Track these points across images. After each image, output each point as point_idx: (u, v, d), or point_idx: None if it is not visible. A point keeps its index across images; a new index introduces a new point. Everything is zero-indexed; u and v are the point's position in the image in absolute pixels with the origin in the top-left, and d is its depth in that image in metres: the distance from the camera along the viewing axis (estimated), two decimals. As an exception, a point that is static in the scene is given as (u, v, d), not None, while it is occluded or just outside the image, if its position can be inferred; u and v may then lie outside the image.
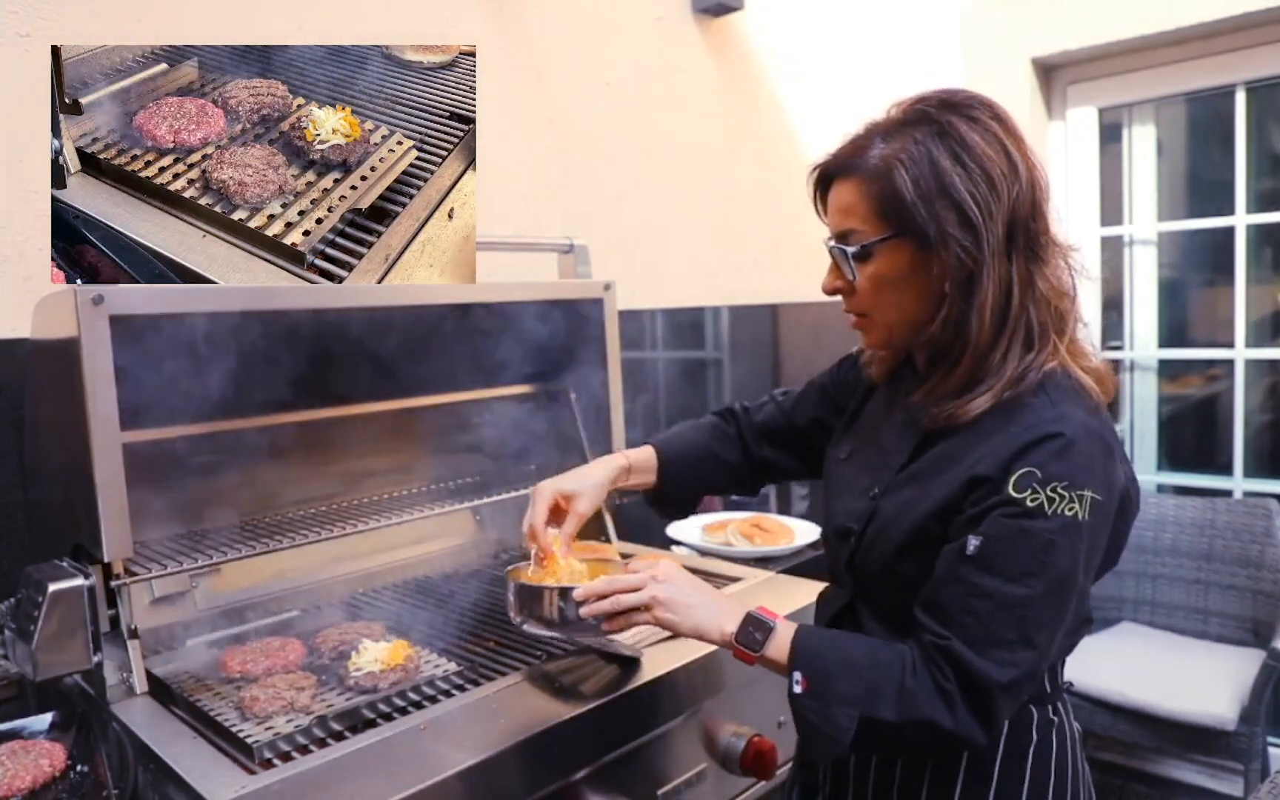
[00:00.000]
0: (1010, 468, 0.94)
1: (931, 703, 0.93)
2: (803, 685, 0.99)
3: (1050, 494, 0.92)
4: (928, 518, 1.01)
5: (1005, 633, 0.93)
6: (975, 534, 0.94)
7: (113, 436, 1.20)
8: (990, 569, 0.93)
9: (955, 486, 0.99)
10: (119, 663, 1.27)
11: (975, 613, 0.93)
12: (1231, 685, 2.48)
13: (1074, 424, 0.95)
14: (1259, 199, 2.94)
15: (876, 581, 1.08)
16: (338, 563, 1.67)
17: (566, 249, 1.91)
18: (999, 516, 0.94)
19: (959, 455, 1.00)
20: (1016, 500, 0.93)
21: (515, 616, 1.20)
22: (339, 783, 1.04)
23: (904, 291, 1.03)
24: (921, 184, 0.98)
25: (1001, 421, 0.98)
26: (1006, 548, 0.93)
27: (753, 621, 1.04)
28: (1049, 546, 0.92)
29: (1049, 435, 0.94)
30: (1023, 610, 0.93)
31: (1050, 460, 0.93)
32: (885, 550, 1.05)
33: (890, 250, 1.02)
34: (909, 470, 1.06)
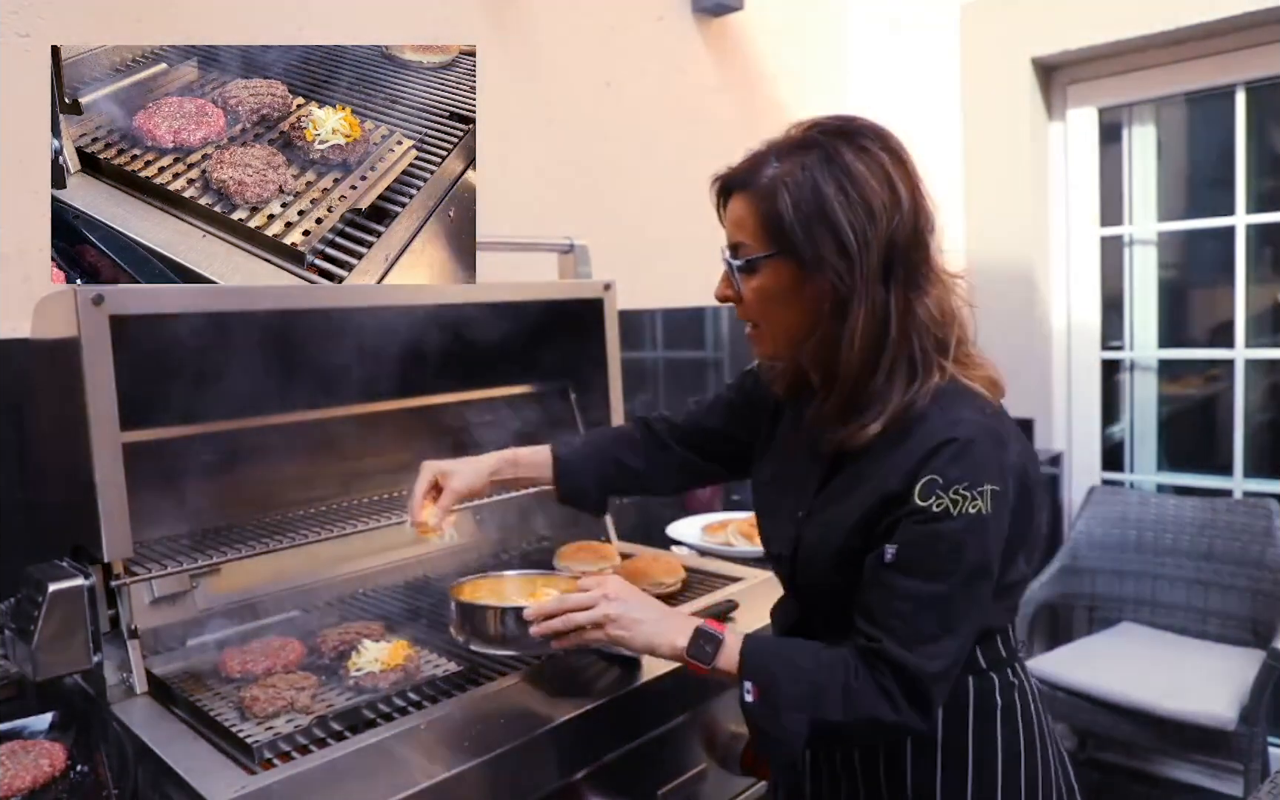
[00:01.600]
0: (913, 477, 1.00)
1: (874, 700, 0.99)
2: (754, 694, 1.02)
3: (954, 497, 0.98)
4: (849, 535, 1.05)
5: (928, 627, 0.99)
6: (890, 543, 1.00)
7: (113, 436, 1.20)
8: (908, 572, 0.99)
9: (869, 504, 1.03)
10: (119, 663, 1.27)
11: (899, 614, 0.99)
12: (1231, 685, 2.48)
13: (966, 426, 1.01)
14: (1259, 199, 2.93)
15: (818, 597, 1.13)
16: (338, 563, 1.67)
17: (566, 249, 1.91)
18: (910, 524, 1.00)
19: (868, 472, 1.05)
20: (923, 508, 0.99)
21: (458, 635, 1.22)
22: (339, 783, 1.04)
23: (786, 307, 1.07)
24: (802, 207, 1.02)
25: (901, 436, 1.03)
26: (921, 553, 0.99)
27: (703, 635, 1.07)
28: (959, 545, 0.99)
29: (945, 442, 1.00)
30: (943, 605, 0.99)
31: (949, 465, 0.99)
32: (818, 570, 1.10)
33: (773, 267, 1.06)
34: (825, 492, 1.11)
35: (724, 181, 1.12)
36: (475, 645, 1.20)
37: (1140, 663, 2.69)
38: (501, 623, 1.16)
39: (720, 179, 1.12)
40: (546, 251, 1.92)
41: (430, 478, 1.34)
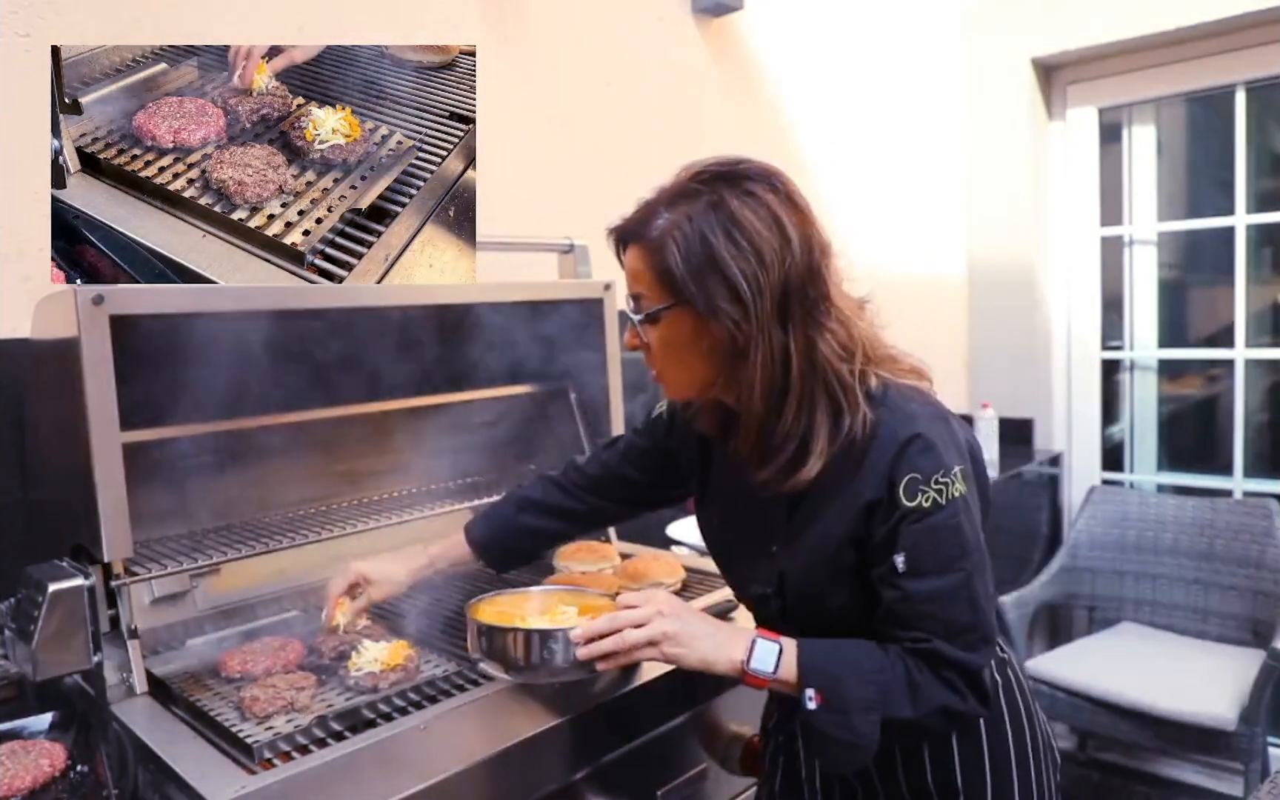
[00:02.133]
0: (892, 480, 1.01)
1: (941, 691, 1.00)
2: (817, 700, 1.01)
3: (936, 487, 1.01)
4: (839, 552, 1.06)
5: (962, 617, 1.01)
6: (897, 552, 1.01)
7: (113, 436, 1.20)
8: (923, 574, 1.01)
9: (854, 515, 1.04)
10: (119, 663, 1.27)
11: (929, 616, 1.01)
12: (1231, 685, 2.48)
13: (920, 419, 1.03)
14: (1259, 199, 2.93)
15: (812, 622, 1.11)
16: (338, 563, 1.67)
17: (566, 249, 1.91)
18: (908, 527, 1.01)
19: (842, 485, 1.05)
20: (913, 508, 1.01)
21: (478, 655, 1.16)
22: (339, 783, 1.04)
23: (690, 355, 1.06)
24: (691, 260, 1.01)
25: (865, 446, 1.03)
26: (927, 550, 1.01)
27: (761, 646, 1.05)
28: (957, 530, 1.01)
29: (907, 440, 1.02)
30: (964, 591, 1.01)
31: (920, 459, 1.01)
32: (810, 595, 1.10)
33: (672, 317, 1.05)
34: (796, 518, 1.10)
35: (618, 233, 1.10)
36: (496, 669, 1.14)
37: (1140, 663, 2.69)
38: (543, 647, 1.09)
39: (614, 230, 1.11)
40: (546, 251, 1.92)
41: (352, 577, 1.35)
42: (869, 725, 0.99)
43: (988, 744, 1.12)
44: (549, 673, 1.12)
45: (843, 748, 1.00)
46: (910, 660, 1.01)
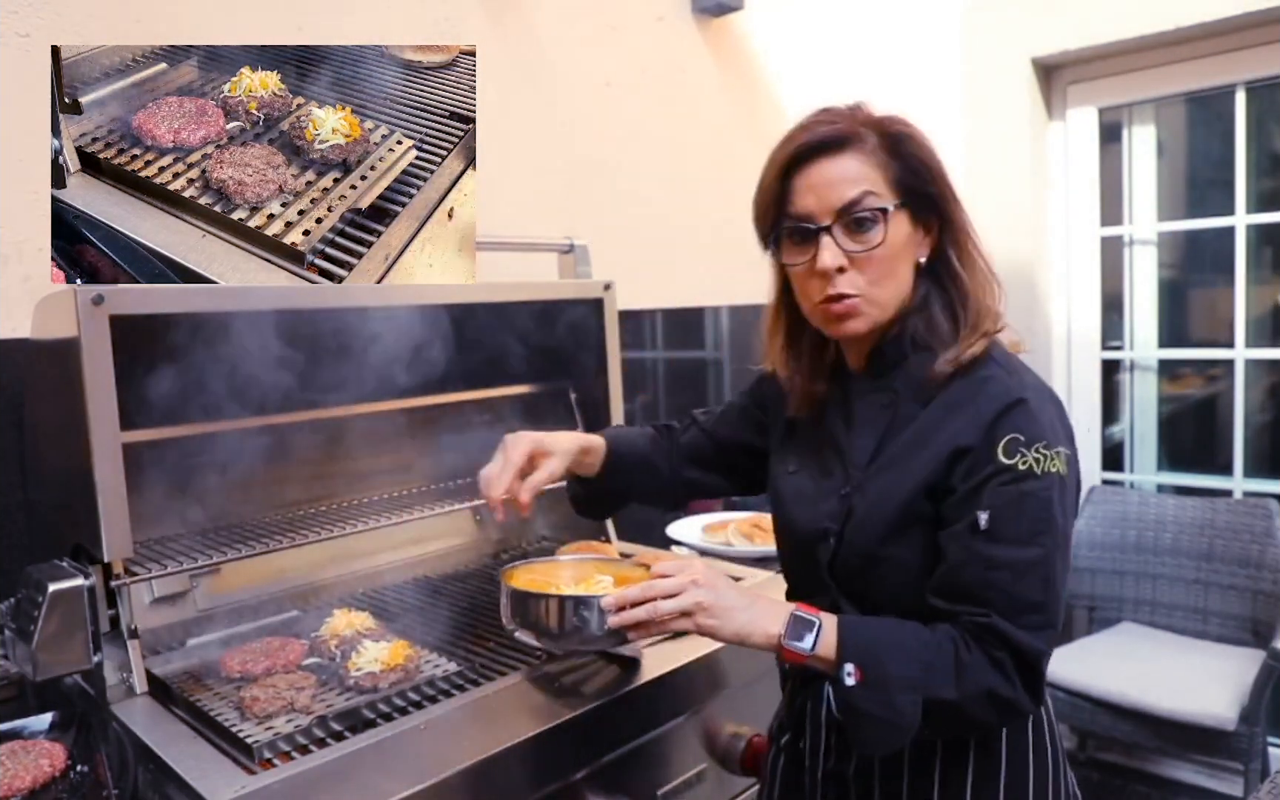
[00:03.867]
0: (992, 435, 0.98)
1: (989, 673, 0.95)
2: (856, 676, 0.96)
3: (1036, 455, 0.97)
4: (914, 496, 1.02)
5: (1032, 594, 0.96)
6: (981, 509, 0.97)
7: (113, 436, 1.20)
8: (1002, 538, 0.96)
9: (938, 461, 1.01)
10: (119, 663, 1.27)
11: (998, 585, 0.96)
12: (1231, 685, 2.48)
13: (1033, 389, 1.01)
14: (1259, 199, 2.93)
15: (860, 576, 1.07)
16: (338, 563, 1.67)
17: (566, 249, 1.91)
18: (997, 486, 0.97)
19: (931, 433, 1.03)
20: (1009, 466, 0.97)
21: (513, 625, 1.16)
22: (339, 783, 1.04)
23: (901, 262, 1.06)
24: (930, 151, 1.07)
25: (967, 394, 1.02)
26: (1012, 513, 0.96)
27: (799, 620, 1.01)
28: (1048, 504, 0.97)
29: (1017, 400, 0.99)
30: (1042, 569, 0.96)
31: (1027, 424, 0.98)
32: (870, 539, 1.06)
33: (897, 219, 1.05)
34: (878, 462, 1.08)
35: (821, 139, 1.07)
36: (529, 637, 1.12)
37: (1140, 663, 2.69)
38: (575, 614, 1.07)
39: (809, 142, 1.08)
40: (546, 251, 1.92)
41: (529, 450, 1.22)
42: (910, 704, 0.94)
43: (1006, 772, 1.06)
44: (581, 640, 1.10)
45: (882, 726, 0.96)
46: (960, 639, 0.96)
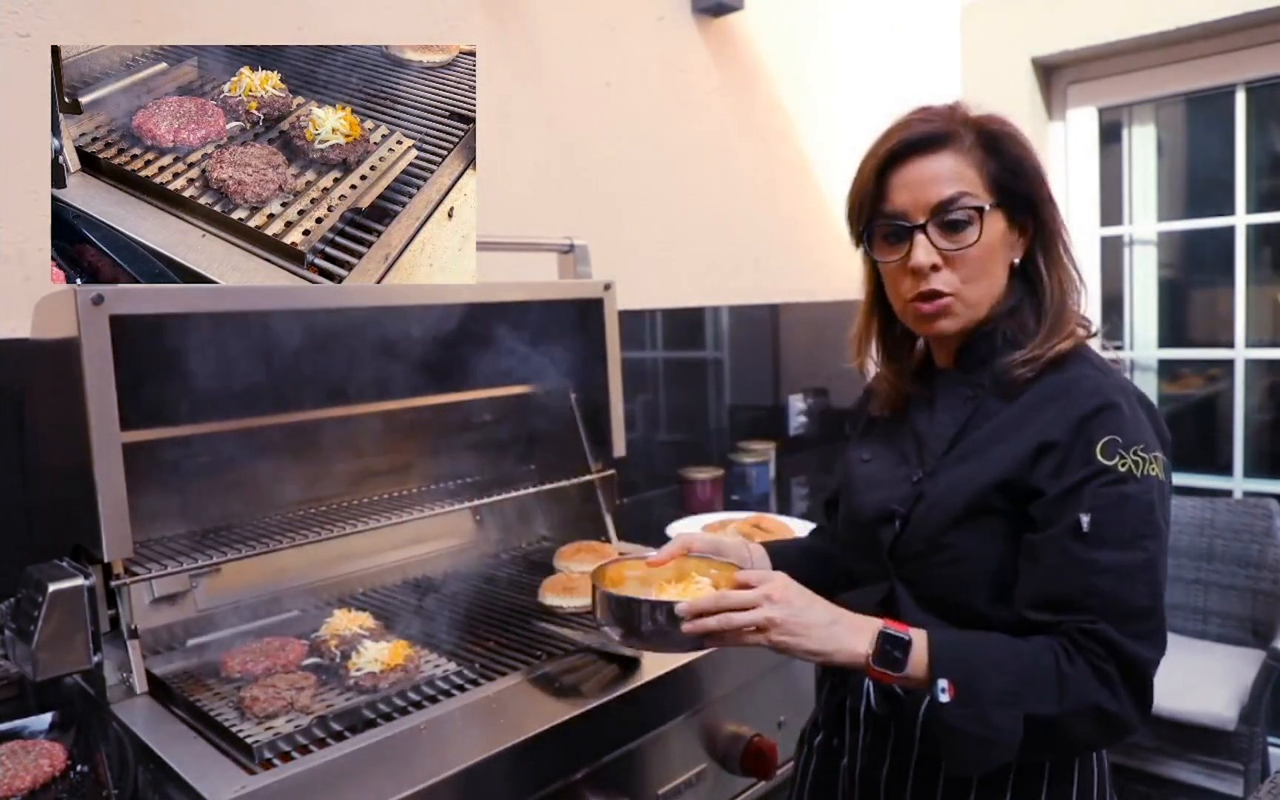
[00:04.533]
0: (1087, 435, 0.96)
1: (1093, 687, 0.91)
2: (950, 692, 0.92)
3: (1135, 457, 0.95)
4: (989, 489, 1.01)
5: (1140, 599, 0.93)
6: (1084, 511, 0.94)
7: (113, 436, 1.20)
8: (1105, 542, 0.93)
9: (1021, 456, 0.99)
10: (119, 663, 1.27)
11: (1102, 591, 0.92)
12: (1231, 685, 2.48)
13: (1128, 393, 1.00)
14: (1259, 199, 2.94)
15: (922, 561, 1.06)
16: (338, 563, 1.67)
17: (566, 249, 1.91)
18: (1098, 488, 0.94)
19: (1014, 428, 1.02)
20: (1109, 467, 0.94)
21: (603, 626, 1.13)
22: (339, 783, 1.04)
23: (995, 261, 1.06)
24: (1028, 152, 1.07)
25: (1058, 389, 1.01)
26: (1114, 516, 0.94)
27: (888, 639, 0.96)
28: (1150, 507, 0.94)
29: (1112, 403, 0.97)
30: (1146, 573, 0.94)
31: (1123, 425, 0.96)
32: (937, 526, 1.04)
33: (992, 218, 1.05)
34: (956, 451, 1.07)
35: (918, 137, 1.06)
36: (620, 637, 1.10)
37: (1140, 663, 2.69)
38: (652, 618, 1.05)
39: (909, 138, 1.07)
40: (546, 251, 1.92)
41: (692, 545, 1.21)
42: (1009, 719, 0.90)
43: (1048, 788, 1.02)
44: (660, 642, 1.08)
45: (979, 745, 0.91)
46: (1061, 650, 0.92)
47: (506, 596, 1.65)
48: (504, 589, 1.70)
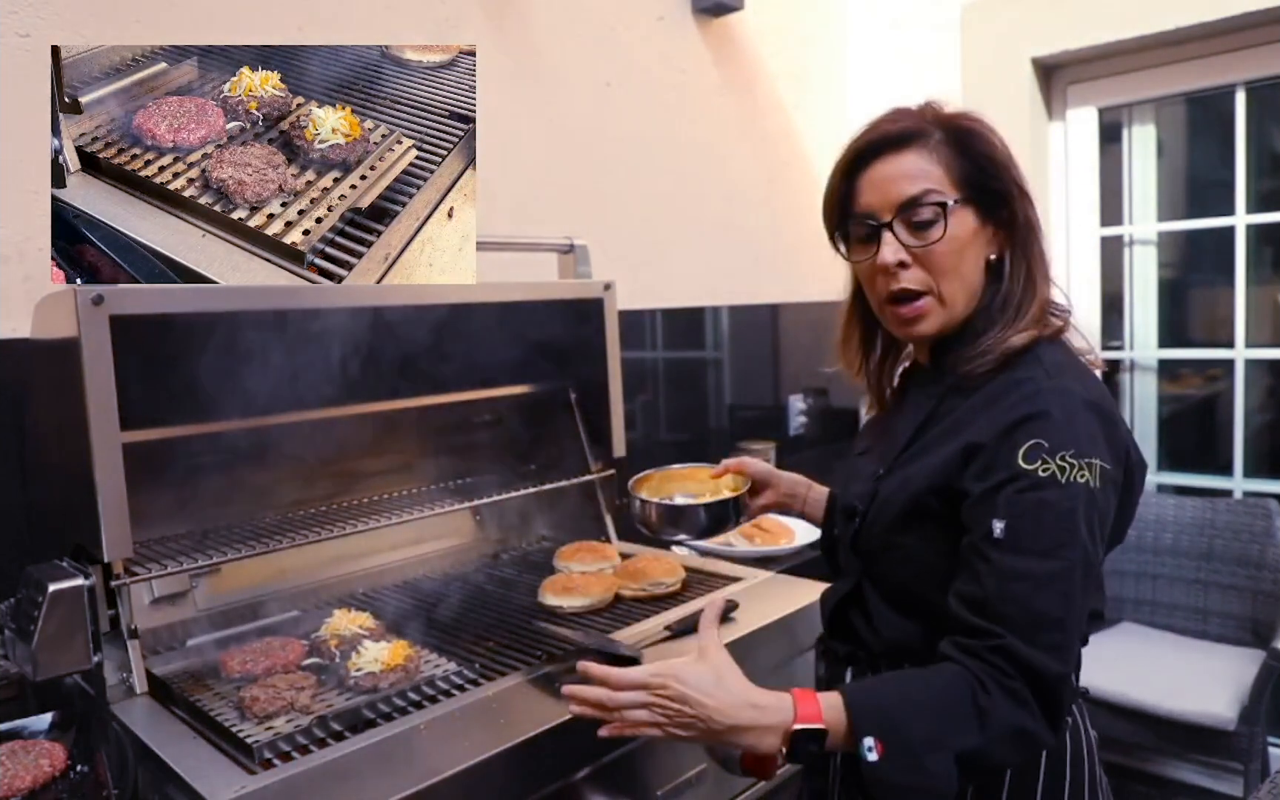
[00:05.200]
0: (1012, 439, 0.94)
1: (1011, 710, 0.89)
2: (878, 751, 0.90)
3: (1060, 463, 0.92)
4: (923, 492, 1.02)
5: (1051, 609, 0.90)
6: (998, 518, 0.93)
7: (113, 436, 1.20)
8: (1020, 549, 0.92)
9: (950, 457, 1.00)
10: (119, 663, 1.27)
11: (1015, 598, 0.91)
12: (1231, 685, 2.48)
13: (1072, 397, 0.97)
14: (1259, 199, 2.93)
15: (879, 558, 1.08)
16: (338, 563, 1.67)
17: (566, 249, 1.91)
18: (1013, 493, 0.93)
19: (955, 429, 1.02)
20: (1028, 472, 0.92)
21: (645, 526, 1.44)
22: (339, 783, 1.04)
23: (966, 258, 1.05)
24: (996, 148, 1.06)
25: (1000, 391, 1.00)
26: (1031, 524, 0.92)
27: (804, 736, 0.93)
28: (1070, 515, 0.91)
29: (1043, 409, 0.95)
30: (1061, 584, 0.91)
31: (1053, 431, 0.93)
32: (884, 525, 1.07)
33: (960, 214, 1.04)
34: (910, 450, 1.09)
35: (884, 136, 1.07)
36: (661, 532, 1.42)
37: (1140, 663, 2.69)
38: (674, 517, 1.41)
39: (873, 138, 1.08)
40: (546, 251, 1.92)
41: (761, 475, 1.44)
42: (941, 762, 0.88)
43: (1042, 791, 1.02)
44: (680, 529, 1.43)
45: (918, 793, 0.89)
46: (975, 678, 0.90)
47: (506, 596, 1.65)
48: (504, 589, 1.70)
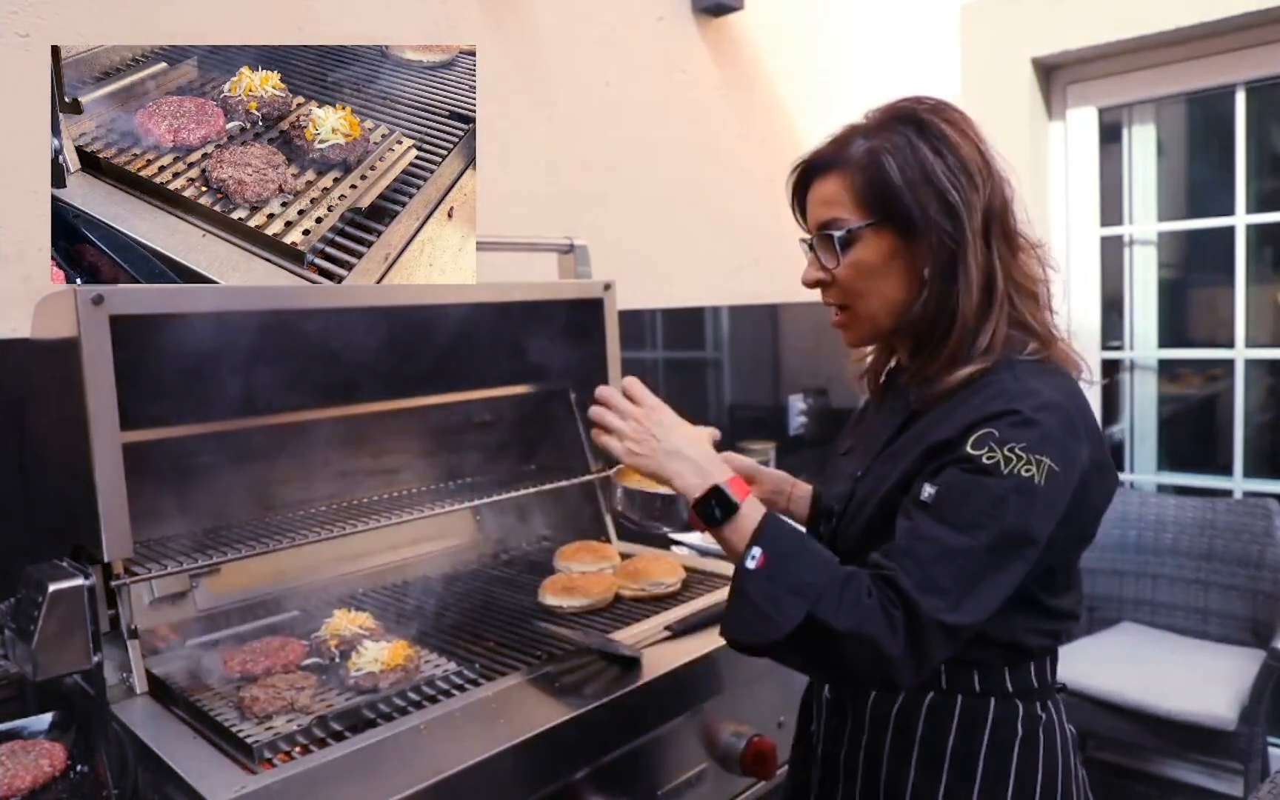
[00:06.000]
0: (970, 431, 0.97)
1: (878, 622, 0.92)
2: (759, 562, 0.98)
3: (1006, 454, 0.94)
4: (893, 491, 1.04)
5: (944, 580, 0.93)
6: (930, 484, 0.97)
7: (113, 436, 1.20)
8: (940, 518, 0.95)
9: (917, 456, 1.02)
10: (119, 663, 1.27)
11: (917, 556, 0.94)
12: (1231, 685, 2.48)
13: (1038, 400, 0.98)
14: (1259, 199, 2.93)
15: (854, 558, 1.07)
16: (338, 563, 1.67)
17: (566, 249, 1.91)
18: (954, 470, 0.97)
19: (927, 431, 1.04)
20: (973, 457, 0.95)
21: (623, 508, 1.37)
22: (339, 783, 1.04)
23: (884, 278, 1.07)
24: (906, 171, 1.04)
25: (969, 395, 1.02)
26: (957, 498, 0.95)
27: (719, 495, 1.03)
28: (1000, 502, 0.94)
29: (1010, 408, 0.97)
30: (964, 560, 0.93)
31: (1011, 428, 0.96)
32: (858, 527, 1.09)
33: (872, 237, 1.06)
34: (887, 451, 1.11)
35: (809, 164, 1.12)
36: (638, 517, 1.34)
37: (1140, 663, 2.69)
38: None
39: (803, 163, 1.13)
40: (546, 251, 1.92)
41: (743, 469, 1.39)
42: (794, 607, 0.94)
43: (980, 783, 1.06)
44: None
45: (758, 618, 0.96)
46: (865, 582, 0.95)
47: (506, 596, 1.65)
48: (504, 589, 1.70)
